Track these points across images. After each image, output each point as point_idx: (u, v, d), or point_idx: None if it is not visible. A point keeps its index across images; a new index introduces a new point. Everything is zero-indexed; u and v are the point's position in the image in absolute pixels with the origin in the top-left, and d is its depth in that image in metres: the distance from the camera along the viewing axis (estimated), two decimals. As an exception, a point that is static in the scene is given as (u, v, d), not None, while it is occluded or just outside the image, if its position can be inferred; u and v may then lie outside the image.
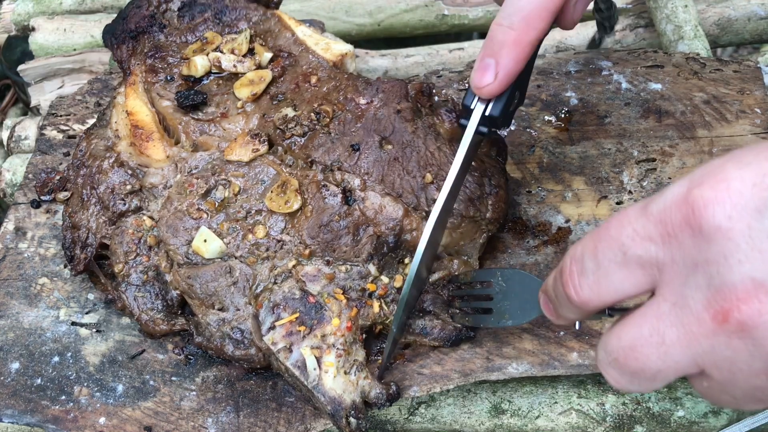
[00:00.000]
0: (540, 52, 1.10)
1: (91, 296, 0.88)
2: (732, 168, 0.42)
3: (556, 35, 1.16)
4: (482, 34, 1.47)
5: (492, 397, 0.84)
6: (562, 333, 0.80)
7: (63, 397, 0.80)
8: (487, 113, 0.71)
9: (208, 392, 0.80)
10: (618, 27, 1.15)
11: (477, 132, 0.72)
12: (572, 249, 0.51)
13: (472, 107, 0.71)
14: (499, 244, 0.86)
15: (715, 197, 0.41)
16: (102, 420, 0.79)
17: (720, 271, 0.41)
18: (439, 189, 0.79)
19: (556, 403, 0.83)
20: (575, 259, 0.50)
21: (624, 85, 0.98)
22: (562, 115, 0.96)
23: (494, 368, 0.78)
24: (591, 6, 0.91)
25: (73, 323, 0.86)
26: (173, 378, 0.81)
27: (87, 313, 0.86)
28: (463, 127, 0.72)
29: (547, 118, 0.96)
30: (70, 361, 0.83)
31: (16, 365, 0.83)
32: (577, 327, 0.68)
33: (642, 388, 0.49)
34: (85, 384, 0.81)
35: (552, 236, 0.87)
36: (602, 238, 0.48)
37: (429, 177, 0.80)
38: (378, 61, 1.13)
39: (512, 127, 0.95)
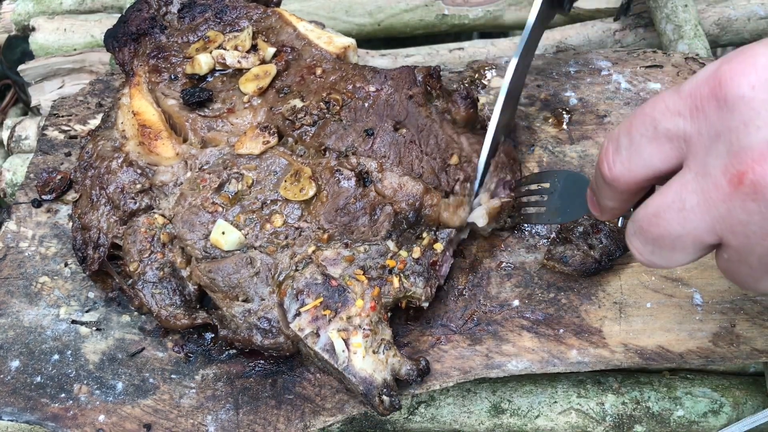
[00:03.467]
0: (540, 52, 1.11)
1: (91, 295, 0.88)
2: (761, 47, 0.44)
3: (557, 35, 1.16)
4: (482, 34, 1.47)
5: (492, 397, 0.84)
6: (561, 330, 0.80)
7: (63, 395, 0.80)
8: None
9: (208, 390, 0.80)
10: (618, 27, 1.15)
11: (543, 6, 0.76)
12: (611, 131, 0.52)
13: None
14: (499, 242, 0.86)
15: (741, 70, 0.43)
16: (101, 418, 0.79)
17: (739, 137, 0.43)
18: (463, 170, 0.83)
19: (555, 402, 0.83)
20: (611, 138, 0.52)
21: (623, 84, 0.98)
22: (562, 115, 0.96)
23: (494, 366, 0.78)
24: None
25: (73, 321, 0.86)
26: (173, 376, 0.81)
27: (87, 312, 0.86)
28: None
29: (546, 117, 0.96)
30: (70, 359, 0.83)
31: (16, 363, 0.83)
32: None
33: (663, 260, 0.50)
34: (85, 382, 0.81)
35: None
36: (637, 116, 0.50)
37: (455, 158, 0.83)
38: (378, 61, 1.13)
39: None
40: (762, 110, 0.42)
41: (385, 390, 0.73)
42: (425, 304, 0.79)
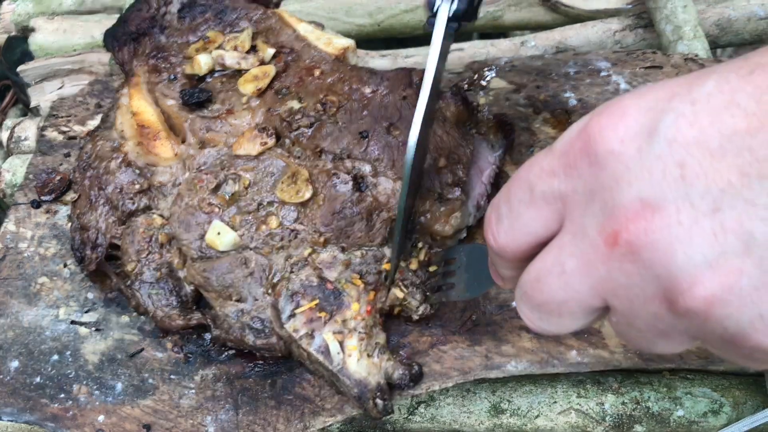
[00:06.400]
0: (539, 52, 1.11)
1: (90, 295, 0.88)
2: (629, 98, 0.42)
3: (556, 35, 1.16)
4: (482, 35, 1.47)
5: (491, 397, 0.84)
6: (561, 332, 0.80)
7: (62, 396, 0.80)
8: (453, 9, 0.70)
9: (207, 390, 0.80)
10: (617, 27, 1.15)
11: (447, 29, 0.71)
12: (494, 199, 0.51)
13: (437, 5, 0.71)
14: (499, 243, 0.86)
15: (610, 123, 0.42)
16: (101, 418, 0.79)
17: (612, 195, 0.41)
18: (452, 173, 0.82)
19: (555, 402, 0.83)
20: (493, 207, 0.50)
21: (623, 85, 0.98)
22: (561, 116, 0.96)
23: (493, 366, 0.78)
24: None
25: (73, 322, 0.86)
26: (172, 376, 0.81)
27: (86, 312, 0.86)
28: (432, 26, 0.71)
29: (546, 118, 0.96)
30: (70, 359, 0.83)
31: (15, 364, 0.83)
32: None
33: (552, 326, 0.48)
34: (84, 382, 0.81)
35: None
36: (514, 181, 0.48)
37: (443, 161, 0.82)
38: (378, 62, 1.13)
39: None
40: (632, 164, 0.40)
41: (378, 393, 0.73)
42: (416, 317, 0.79)
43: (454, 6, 0.70)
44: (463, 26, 0.74)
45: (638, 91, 0.43)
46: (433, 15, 0.71)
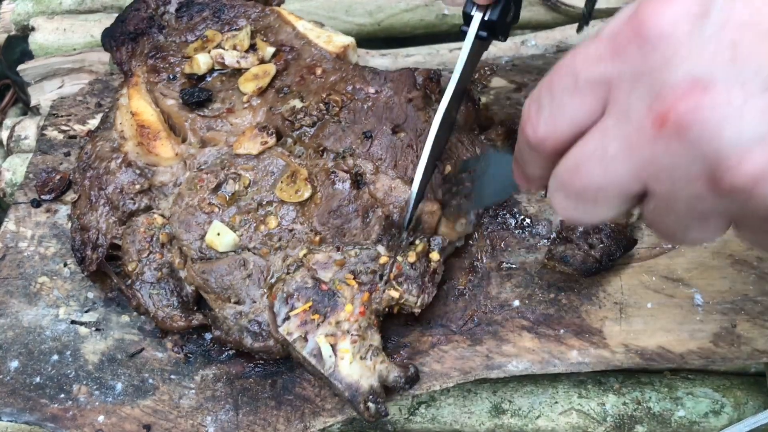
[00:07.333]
0: (539, 52, 1.11)
1: (90, 295, 0.88)
2: None
3: (557, 35, 1.16)
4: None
5: (492, 397, 0.84)
6: (562, 331, 0.79)
7: (62, 396, 0.80)
8: (486, 18, 0.75)
9: (207, 390, 0.80)
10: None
11: (478, 36, 0.75)
12: (532, 92, 0.49)
13: (472, 14, 0.76)
14: (500, 242, 0.86)
15: (660, 7, 0.42)
16: (101, 418, 0.79)
17: (662, 75, 0.41)
18: (458, 179, 0.82)
19: (556, 403, 0.83)
20: (533, 99, 0.49)
21: (624, 84, 0.98)
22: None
23: (494, 366, 0.78)
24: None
25: (73, 322, 0.86)
26: (172, 376, 0.81)
27: (86, 312, 0.86)
28: (464, 33, 0.76)
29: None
30: (69, 359, 0.83)
31: (15, 363, 0.82)
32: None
33: (586, 215, 0.47)
34: (84, 382, 0.81)
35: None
36: (556, 71, 0.47)
37: (449, 167, 0.82)
38: (378, 61, 1.13)
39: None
40: (683, 45, 0.40)
41: (371, 397, 0.72)
42: (418, 311, 0.78)
43: (487, 15, 0.75)
44: (494, 38, 0.78)
45: None
46: (467, 23, 0.76)
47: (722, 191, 0.40)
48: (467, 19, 0.76)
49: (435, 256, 0.80)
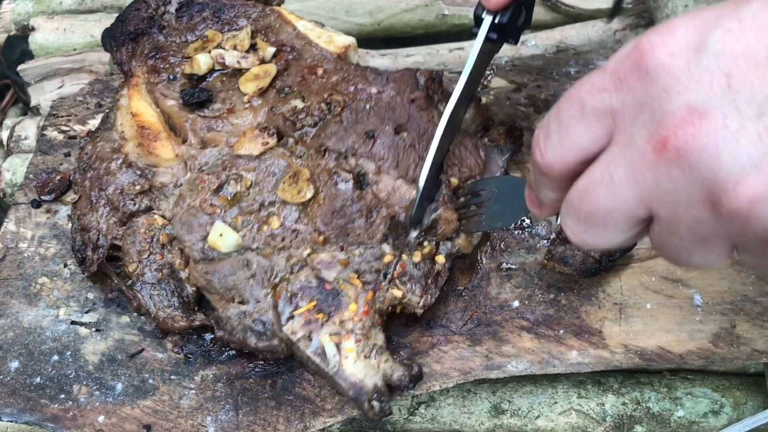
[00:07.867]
0: (539, 52, 1.11)
1: (90, 295, 0.88)
2: (678, 19, 0.45)
3: (557, 35, 1.16)
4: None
5: (492, 397, 0.84)
6: (561, 331, 0.80)
7: (62, 396, 0.80)
8: (496, 21, 0.76)
9: (207, 391, 0.80)
10: (618, 26, 1.15)
11: (487, 39, 0.76)
12: (542, 120, 0.52)
13: (482, 17, 0.77)
14: (499, 243, 0.86)
15: (660, 40, 0.44)
16: (101, 418, 0.79)
17: (661, 104, 0.43)
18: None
19: (556, 403, 0.83)
20: (542, 126, 0.51)
21: (624, 84, 0.98)
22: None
23: (494, 366, 0.78)
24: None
25: (73, 322, 0.86)
26: (172, 377, 0.81)
27: (86, 312, 0.86)
28: (475, 35, 0.77)
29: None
30: (70, 359, 0.83)
31: (15, 364, 0.83)
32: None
33: (596, 239, 0.50)
34: (85, 383, 0.81)
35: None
36: (565, 99, 0.50)
37: (455, 180, 0.83)
38: (378, 61, 1.13)
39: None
40: (681, 76, 0.43)
41: (375, 395, 0.72)
42: (420, 311, 0.79)
43: (498, 18, 0.76)
44: (505, 41, 0.79)
45: (686, 14, 0.46)
46: (477, 25, 0.77)
47: (721, 214, 0.42)
48: (478, 21, 0.77)
49: (441, 259, 0.80)
